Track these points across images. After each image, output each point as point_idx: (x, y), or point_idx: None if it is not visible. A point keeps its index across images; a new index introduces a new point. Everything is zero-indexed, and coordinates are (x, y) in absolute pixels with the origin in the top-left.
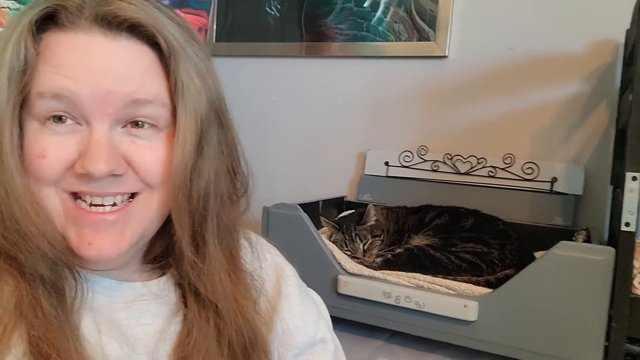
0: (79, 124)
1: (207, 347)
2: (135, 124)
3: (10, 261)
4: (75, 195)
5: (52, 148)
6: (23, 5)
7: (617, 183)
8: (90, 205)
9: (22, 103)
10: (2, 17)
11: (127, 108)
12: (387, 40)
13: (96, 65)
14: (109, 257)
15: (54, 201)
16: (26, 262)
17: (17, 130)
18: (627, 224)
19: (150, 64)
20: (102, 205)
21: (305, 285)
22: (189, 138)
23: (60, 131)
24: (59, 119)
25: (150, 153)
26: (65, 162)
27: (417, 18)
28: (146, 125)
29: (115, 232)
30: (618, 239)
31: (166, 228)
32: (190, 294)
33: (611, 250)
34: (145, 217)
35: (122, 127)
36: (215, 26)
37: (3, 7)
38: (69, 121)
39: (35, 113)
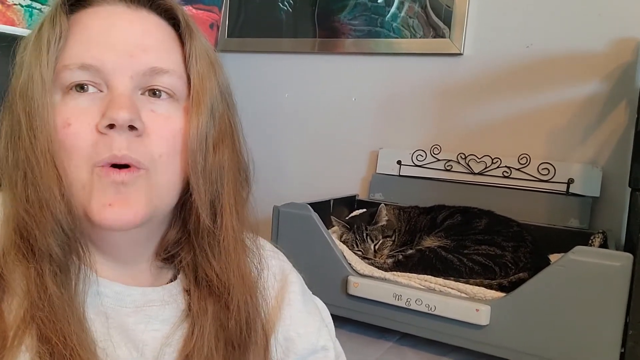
0: (101, 90)
1: (206, 339)
2: (154, 93)
3: (24, 241)
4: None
5: (76, 116)
6: (35, 2)
7: (636, 186)
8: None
9: None
10: (14, 14)
11: (146, 76)
12: (401, 37)
13: (119, 30)
14: (127, 222)
15: (81, 172)
16: (39, 236)
17: (55, 94)
18: None
19: (167, 35)
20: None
21: (310, 292)
22: (204, 100)
23: (82, 99)
24: (81, 87)
25: (167, 122)
26: (90, 126)
27: (432, 14)
28: (164, 95)
29: (132, 195)
30: (636, 244)
31: (179, 212)
32: (194, 286)
33: (629, 256)
34: (158, 187)
35: (142, 94)
36: (227, 22)
37: (14, 4)
38: (91, 89)
39: (59, 84)
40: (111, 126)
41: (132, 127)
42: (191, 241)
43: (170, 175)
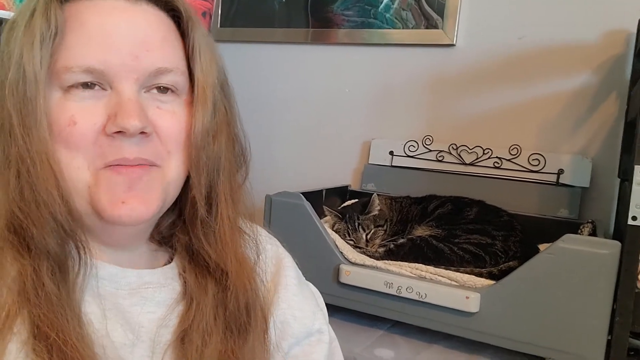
0: (104, 89)
1: (205, 318)
2: (159, 89)
3: (18, 236)
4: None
5: (82, 114)
6: None
7: (625, 176)
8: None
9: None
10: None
11: (151, 76)
12: (394, 28)
13: (122, 30)
14: (140, 217)
15: (84, 174)
16: (36, 234)
17: (49, 95)
18: (634, 218)
19: (168, 29)
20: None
21: (304, 277)
22: (208, 95)
23: (86, 96)
24: (86, 85)
25: (173, 118)
26: (96, 125)
27: (425, 5)
28: (168, 91)
29: (144, 190)
30: (624, 233)
31: (176, 204)
32: (190, 268)
33: (617, 244)
34: (166, 182)
35: (146, 92)
36: (220, 11)
37: None
38: (95, 87)
39: (59, 83)
40: (120, 132)
41: (142, 132)
42: (186, 227)
43: (177, 169)
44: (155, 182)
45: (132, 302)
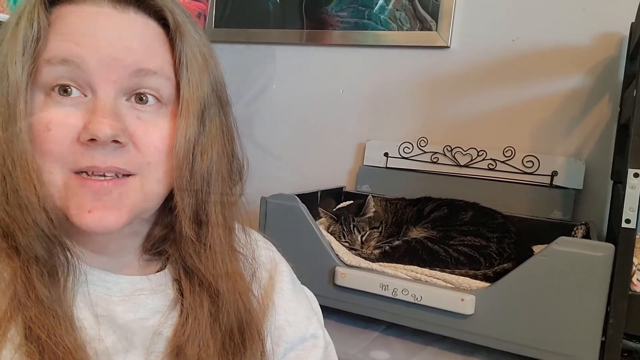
0: (85, 94)
1: (201, 334)
2: (140, 98)
3: (7, 240)
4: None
5: (57, 121)
6: None
7: (618, 178)
8: (92, 174)
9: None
10: None
11: (132, 77)
12: (388, 29)
13: (104, 33)
14: (108, 227)
15: (56, 178)
16: (22, 239)
17: (30, 99)
18: (628, 221)
19: (155, 37)
20: (103, 175)
21: (299, 282)
22: (192, 109)
23: (65, 103)
24: (64, 90)
25: (154, 130)
26: (71, 134)
27: (419, 7)
28: (150, 100)
29: (114, 201)
30: (618, 235)
31: (167, 211)
32: (185, 279)
33: (610, 246)
34: (143, 193)
35: (127, 100)
36: (214, 12)
37: None
38: (74, 92)
39: (41, 82)
40: (93, 140)
41: (116, 141)
42: (177, 244)
43: (156, 182)
44: (130, 193)
45: (125, 309)
